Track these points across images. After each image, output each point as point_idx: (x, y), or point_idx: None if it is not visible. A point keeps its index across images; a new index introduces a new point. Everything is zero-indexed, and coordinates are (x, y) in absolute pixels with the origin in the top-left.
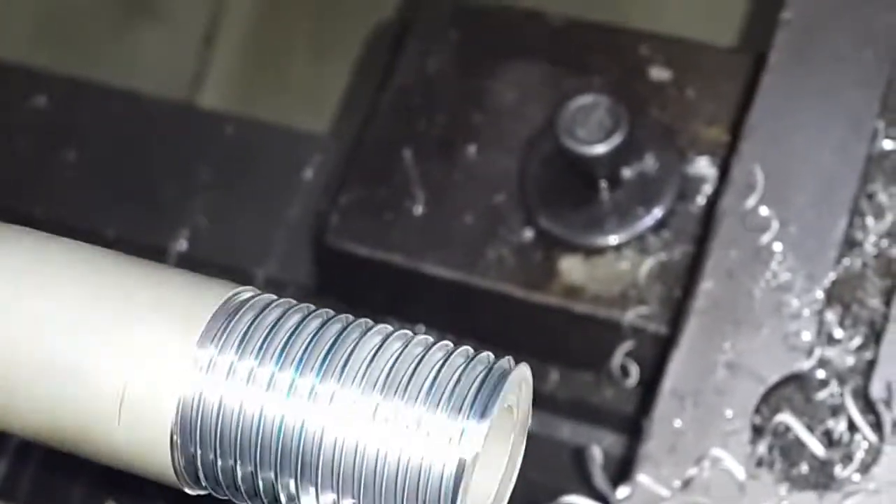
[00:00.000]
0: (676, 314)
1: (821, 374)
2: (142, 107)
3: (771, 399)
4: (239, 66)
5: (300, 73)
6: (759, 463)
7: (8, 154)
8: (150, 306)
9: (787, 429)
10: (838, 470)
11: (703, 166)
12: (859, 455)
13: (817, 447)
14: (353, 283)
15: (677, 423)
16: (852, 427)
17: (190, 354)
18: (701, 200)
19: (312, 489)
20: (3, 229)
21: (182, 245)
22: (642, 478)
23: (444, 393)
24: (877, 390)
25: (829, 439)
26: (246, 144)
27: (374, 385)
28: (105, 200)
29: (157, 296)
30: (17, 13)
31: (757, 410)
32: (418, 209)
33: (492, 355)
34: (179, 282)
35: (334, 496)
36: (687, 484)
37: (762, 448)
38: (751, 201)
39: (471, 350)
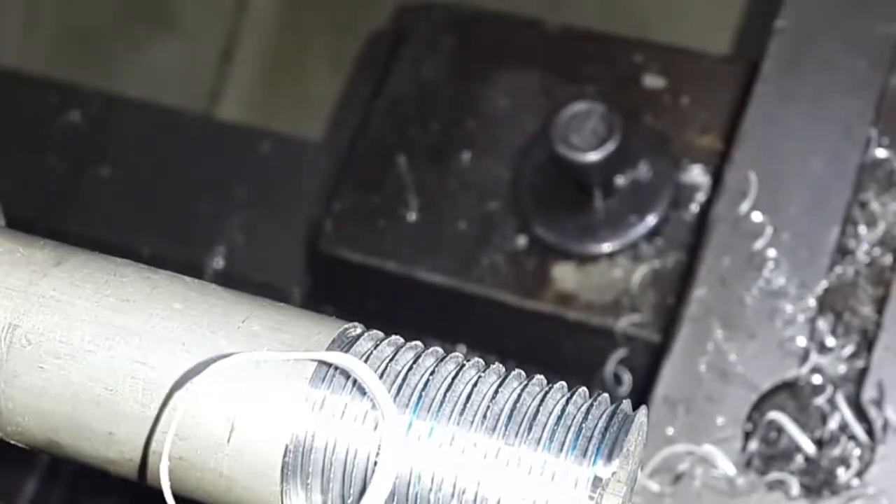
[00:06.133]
0: (669, 322)
1: (814, 381)
2: (175, 123)
3: (763, 406)
4: (257, 80)
5: (318, 88)
6: (749, 463)
7: (42, 170)
8: (259, 344)
9: (779, 434)
10: (830, 476)
11: (697, 174)
12: (855, 460)
13: (808, 445)
14: (347, 289)
15: (669, 430)
16: (845, 434)
17: (302, 394)
18: (694, 208)
19: None
20: (108, 261)
21: (218, 262)
22: None
23: (567, 436)
24: (869, 398)
25: (821, 445)
26: (282, 160)
27: (496, 428)
28: (140, 217)
29: (267, 333)
30: (38, 28)
31: (749, 418)
32: (412, 216)
33: (607, 396)
34: (288, 318)
35: None
36: (678, 479)
37: (753, 445)
38: (744, 207)
39: (586, 391)
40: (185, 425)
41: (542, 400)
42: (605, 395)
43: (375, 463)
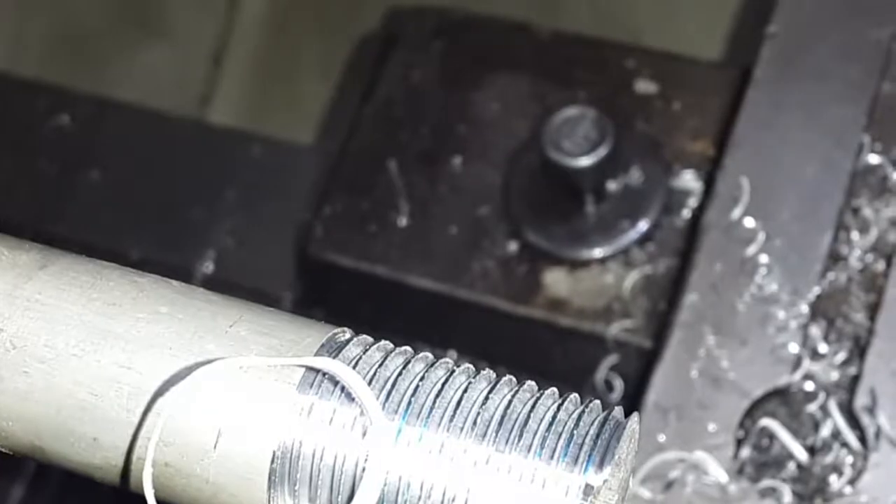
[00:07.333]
0: (661, 328)
1: (806, 387)
2: (165, 126)
3: (755, 413)
4: (247, 85)
5: (308, 93)
6: (741, 470)
7: (31, 173)
8: (247, 349)
9: (771, 441)
10: (822, 483)
11: (689, 180)
12: (847, 468)
13: (800, 452)
14: (337, 294)
15: (661, 437)
16: (837, 442)
17: (289, 400)
18: (686, 214)
19: None
20: (94, 265)
21: (208, 267)
22: None
23: (558, 443)
24: (861, 405)
25: (813, 453)
26: (272, 165)
27: (486, 434)
28: (129, 221)
29: (254, 338)
30: (28, 32)
31: (741, 425)
32: (402, 221)
33: (599, 403)
34: (276, 322)
35: None
36: (670, 486)
37: (745, 453)
38: (736, 213)
39: (578, 397)
40: (171, 431)
41: (533, 406)
42: (597, 401)
43: (364, 470)
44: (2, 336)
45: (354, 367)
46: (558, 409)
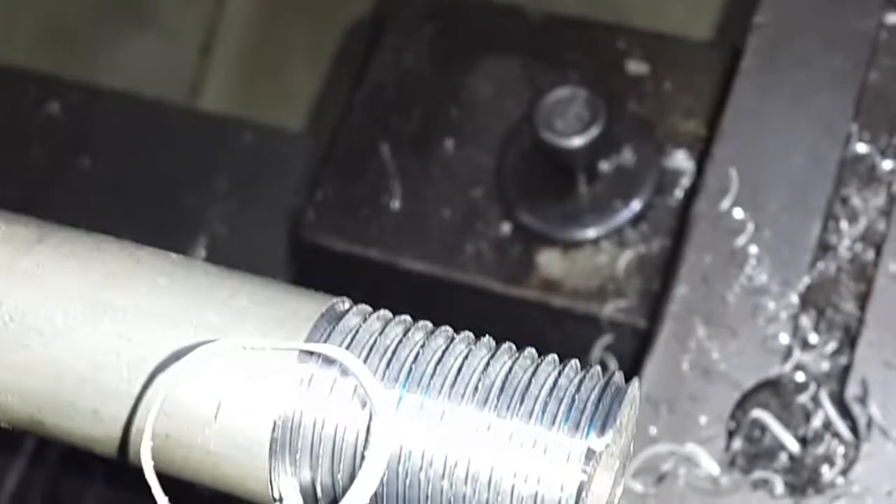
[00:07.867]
0: (655, 307)
1: (797, 378)
2: (156, 113)
3: (746, 405)
4: (236, 74)
5: (298, 80)
6: (732, 462)
7: (22, 161)
8: (247, 319)
9: (763, 432)
10: (814, 474)
11: (681, 159)
12: (839, 458)
13: (792, 443)
14: (330, 277)
15: (652, 430)
16: (829, 432)
17: (290, 370)
18: (679, 193)
19: None
20: (92, 238)
21: (201, 254)
22: None
23: (559, 409)
24: (852, 395)
25: (805, 444)
26: (264, 151)
27: (487, 401)
28: (121, 208)
29: (255, 308)
30: (17, 24)
31: (732, 416)
32: (395, 204)
33: (599, 369)
34: (276, 293)
35: None
36: (662, 479)
37: (737, 444)
38: (725, 204)
39: (578, 363)
40: (172, 402)
41: (534, 373)
42: (597, 367)
43: (366, 440)
44: (0, 310)
45: (354, 337)
46: (559, 375)
